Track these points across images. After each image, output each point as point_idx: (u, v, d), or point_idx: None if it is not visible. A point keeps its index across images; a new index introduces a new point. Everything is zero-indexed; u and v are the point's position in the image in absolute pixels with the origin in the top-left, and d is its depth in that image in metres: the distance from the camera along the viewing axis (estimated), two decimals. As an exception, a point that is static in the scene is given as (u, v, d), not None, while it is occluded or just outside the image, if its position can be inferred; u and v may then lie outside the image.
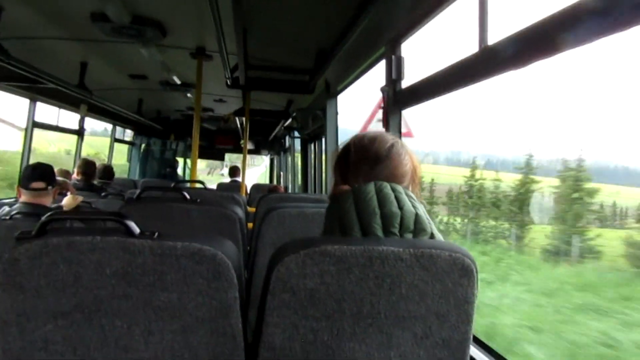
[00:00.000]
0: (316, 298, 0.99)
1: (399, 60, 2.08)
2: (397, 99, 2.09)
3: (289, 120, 5.50)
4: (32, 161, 4.67)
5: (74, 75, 4.26)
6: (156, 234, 0.97)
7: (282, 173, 9.27)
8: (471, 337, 1.07)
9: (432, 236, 1.11)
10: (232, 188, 6.66)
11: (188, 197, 1.76)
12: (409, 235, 1.10)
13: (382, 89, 2.14)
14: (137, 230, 0.97)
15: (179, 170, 9.83)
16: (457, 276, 1.01)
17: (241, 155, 5.35)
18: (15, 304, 0.94)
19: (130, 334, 0.98)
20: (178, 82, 4.83)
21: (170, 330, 0.99)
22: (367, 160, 1.20)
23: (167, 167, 9.53)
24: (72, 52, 3.91)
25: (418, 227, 1.10)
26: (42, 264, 0.93)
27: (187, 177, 10.29)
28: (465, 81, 1.52)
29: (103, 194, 3.92)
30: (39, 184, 2.62)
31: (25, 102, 4.60)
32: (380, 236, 1.09)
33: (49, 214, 0.99)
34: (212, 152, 9.37)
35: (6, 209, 2.71)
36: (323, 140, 4.83)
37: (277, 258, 1.00)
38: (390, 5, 1.89)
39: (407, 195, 1.13)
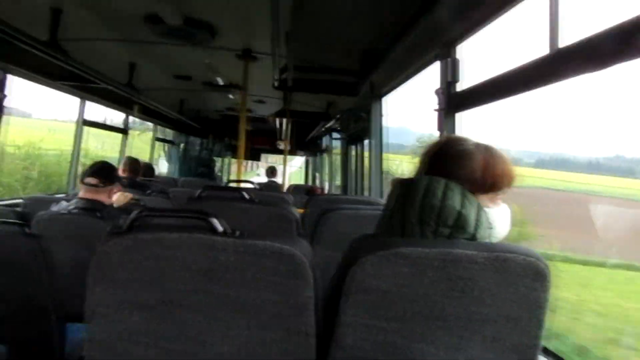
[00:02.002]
0: (389, 299, 1.00)
1: (455, 63, 2.06)
2: (452, 102, 2.07)
3: (334, 122, 5.51)
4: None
5: (123, 75, 4.38)
6: (238, 233, 1.00)
7: (317, 174, 9.30)
8: (541, 343, 1.06)
9: (473, 237, 1.10)
10: (270, 188, 6.72)
11: (247, 196, 1.80)
12: (446, 230, 1.10)
13: (437, 92, 2.13)
14: (221, 228, 1.00)
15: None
16: (531, 280, 1.00)
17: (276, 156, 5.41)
18: (104, 296, 0.98)
19: (209, 329, 1.01)
20: (221, 83, 4.91)
21: (246, 327, 1.01)
22: (428, 157, 1.24)
23: (203, 166, 9.69)
24: (122, 53, 4.02)
25: (457, 225, 1.10)
26: (132, 258, 0.97)
27: (224, 177, 10.45)
28: (533, 84, 1.49)
29: (148, 191, 4.00)
30: (92, 180, 2.71)
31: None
32: (408, 225, 1.12)
33: (138, 210, 1.03)
34: (249, 152, 9.49)
35: (64, 204, 2.81)
36: (366, 141, 4.84)
37: (353, 259, 1.01)
38: (448, 7, 1.88)
39: (462, 194, 1.12)
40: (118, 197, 3.25)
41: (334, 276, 1.14)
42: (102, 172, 2.76)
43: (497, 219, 1.18)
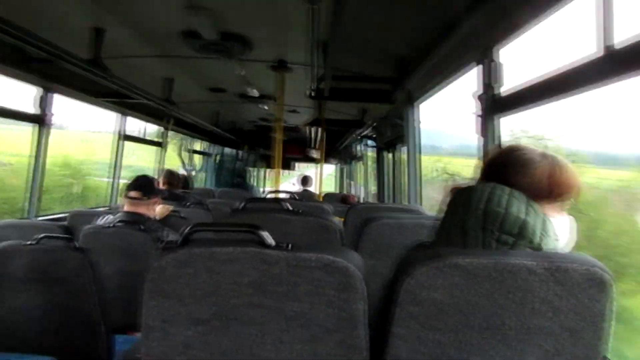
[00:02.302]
0: (443, 311, 0.98)
1: (497, 67, 2.02)
2: (493, 107, 2.02)
3: (368, 129, 5.49)
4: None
5: (160, 90, 4.49)
6: (289, 246, 1.00)
7: (351, 182, 9.27)
8: (606, 356, 1.01)
9: (538, 247, 1.06)
10: (305, 197, 6.73)
11: (289, 207, 1.80)
12: (510, 238, 1.06)
13: (478, 96, 2.09)
14: (272, 241, 1.00)
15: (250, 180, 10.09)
16: (594, 291, 0.96)
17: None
18: (160, 310, 0.99)
19: (262, 343, 1.01)
20: (255, 94, 4.97)
21: (299, 340, 1.01)
22: (493, 166, 1.21)
23: (238, 176, 9.82)
24: (160, 69, 4.13)
25: (521, 233, 1.06)
26: (186, 273, 0.98)
27: (259, 187, 10.54)
28: (583, 86, 1.44)
29: (187, 203, 4.06)
30: (136, 194, 2.79)
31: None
32: (471, 232, 1.08)
33: (191, 225, 1.04)
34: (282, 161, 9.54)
35: (110, 217, 2.89)
36: (402, 148, 4.79)
37: (405, 269, 0.99)
38: (488, 11, 1.84)
39: (527, 203, 1.09)
40: (159, 209, 3.32)
41: (385, 287, 1.12)
42: (144, 185, 2.83)
43: (561, 230, 1.14)
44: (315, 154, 9.07)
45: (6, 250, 1.99)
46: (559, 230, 1.13)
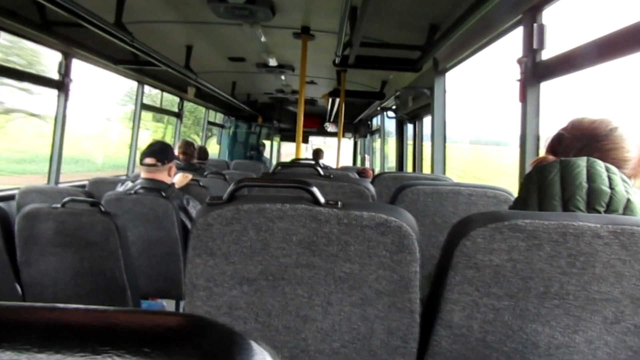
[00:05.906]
0: (501, 275, 0.93)
1: (541, 29, 1.92)
2: (537, 71, 1.94)
3: (387, 101, 5.40)
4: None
5: (180, 58, 4.42)
6: (340, 204, 0.95)
7: (367, 156, 9.19)
8: None
9: None
10: None
11: (322, 172, 1.75)
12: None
13: (520, 60, 2.01)
14: (322, 199, 0.95)
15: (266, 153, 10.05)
16: None
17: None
18: (205, 269, 0.96)
19: (310, 304, 0.98)
20: (275, 63, 4.89)
21: (349, 302, 0.97)
22: (583, 137, 1.15)
23: (252, 149, 9.78)
24: (181, 36, 4.05)
25: (627, 213, 1.01)
26: (233, 229, 0.94)
27: (274, 160, 10.51)
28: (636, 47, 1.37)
29: (205, 173, 4.04)
30: (150, 160, 2.76)
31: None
32: (576, 211, 1.02)
33: (238, 180, 0.99)
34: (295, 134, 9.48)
35: (129, 184, 2.88)
36: (425, 120, 4.71)
37: (462, 231, 0.94)
38: None
39: (622, 179, 1.04)
40: (179, 178, 3.31)
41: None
42: (159, 152, 2.81)
43: None
44: (331, 127, 8.99)
45: (34, 212, 1.98)
46: None
